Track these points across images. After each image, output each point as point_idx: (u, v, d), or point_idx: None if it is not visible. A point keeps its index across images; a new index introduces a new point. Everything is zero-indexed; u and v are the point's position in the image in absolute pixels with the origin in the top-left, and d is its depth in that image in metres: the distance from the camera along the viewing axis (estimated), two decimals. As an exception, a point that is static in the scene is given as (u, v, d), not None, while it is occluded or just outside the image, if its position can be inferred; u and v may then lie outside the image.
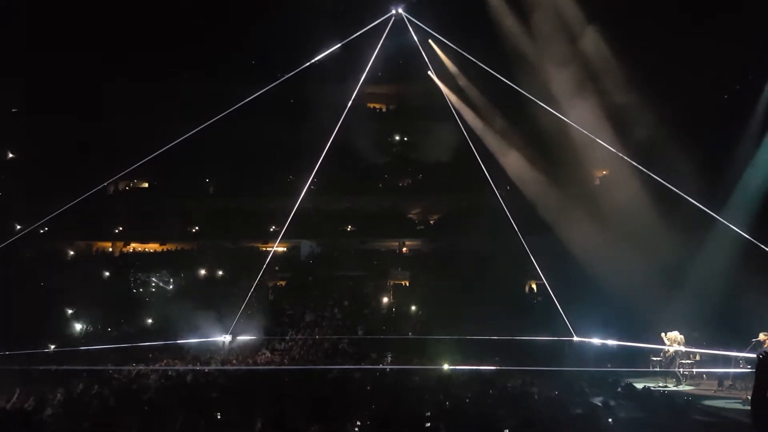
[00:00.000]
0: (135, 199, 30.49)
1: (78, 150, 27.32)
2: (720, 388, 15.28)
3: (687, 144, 21.21)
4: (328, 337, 21.42)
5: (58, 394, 14.18)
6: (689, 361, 16.54)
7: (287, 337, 21.66)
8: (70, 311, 23.71)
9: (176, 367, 17.65)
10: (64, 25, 26.54)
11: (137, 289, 26.59)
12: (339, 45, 13.08)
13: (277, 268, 27.27)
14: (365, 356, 19.61)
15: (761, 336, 14.85)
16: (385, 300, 27.02)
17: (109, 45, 26.86)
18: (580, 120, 18.08)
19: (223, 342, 18.44)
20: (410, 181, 31.56)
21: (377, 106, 32.66)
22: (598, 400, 12.39)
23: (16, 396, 13.46)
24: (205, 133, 13.74)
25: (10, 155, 30.25)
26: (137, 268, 27.49)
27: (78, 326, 23.18)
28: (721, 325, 17.98)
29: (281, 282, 28.16)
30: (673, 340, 16.42)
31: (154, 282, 26.81)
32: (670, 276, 20.61)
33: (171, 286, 26.86)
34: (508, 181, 24.31)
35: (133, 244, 30.46)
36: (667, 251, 21.03)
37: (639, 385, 14.93)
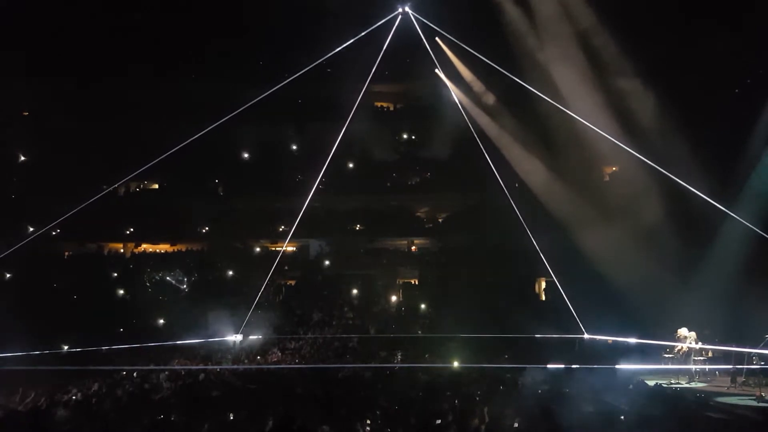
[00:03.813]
0: (145, 200, 30.72)
1: (88, 152, 27.54)
2: (733, 385, 15.16)
3: (697, 140, 21.07)
4: (338, 336, 21.48)
5: (71, 395, 14.33)
6: (702, 358, 16.44)
7: (297, 336, 21.73)
8: (83, 311, 23.90)
9: (188, 367, 17.76)
10: (75, 25, 26.83)
11: (151, 288, 26.83)
12: (346, 44, 13.06)
13: (286, 268, 27.38)
14: (375, 355, 19.65)
15: (774, 332, 14.73)
16: (394, 298, 27.07)
17: (116, 46, 27.08)
18: (589, 117, 17.98)
19: (234, 342, 18.51)
20: (418, 180, 31.55)
21: (384, 105, 32.68)
22: (608, 398, 12.34)
23: (31, 397, 13.61)
24: (214, 135, 13.78)
25: (22, 158, 30.57)
26: (152, 268, 27.76)
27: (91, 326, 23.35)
28: (733, 322, 17.86)
29: (291, 281, 28.29)
30: (683, 337, 16.32)
31: (169, 280, 27.04)
32: (680, 273, 20.50)
33: (185, 286, 27.06)
34: (517, 178, 24.25)
35: (144, 245, 30.69)
36: (677, 248, 20.91)
37: (650, 383, 14.86)
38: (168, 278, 27.34)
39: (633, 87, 22.44)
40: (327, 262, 28.61)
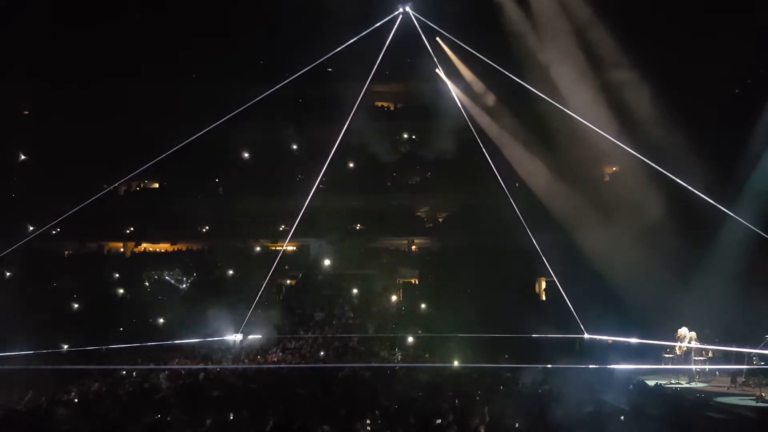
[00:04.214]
0: (145, 199, 30.72)
1: (88, 151, 27.54)
2: (733, 385, 15.18)
3: (697, 140, 21.07)
4: (338, 335, 21.49)
5: (71, 394, 14.34)
6: (702, 358, 16.45)
7: (298, 336, 21.74)
8: (83, 311, 23.92)
9: (188, 366, 17.76)
10: (75, 24, 26.84)
11: (151, 288, 26.84)
12: (346, 44, 13.04)
13: (286, 267, 27.38)
14: (375, 354, 19.66)
15: (774, 332, 14.74)
16: (394, 298, 27.06)
17: (116, 46, 27.09)
18: (589, 116, 17.99)
19: (234, 341, 18.51)
20: (418, 180, 31.54)
21: (385, 104, 32.67)
22: (609, 398, 12.35)
23: (30, 397, 13.62)
24: (214, 134, 13.77)
25: (23, 157, 30.56)
26: (151, 267, 27.77)
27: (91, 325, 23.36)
28: (733, 322, 17.86)
29: (291, 281, 28.29)
30: (683, 337, 16.32)
31: (169, 279, 27.04)
32: (681, 272, 20.50)
33: (184, 285, 27.06)
34: (518, 178, 24.25)
35: (144, 244, 30.69)
36: (677, 248, 20.90)
37: (651, 383, 14.87)
38: (168, 277, 27.34)
39: (633, 86, 22.43)
40: (327, 262, 28.61)
